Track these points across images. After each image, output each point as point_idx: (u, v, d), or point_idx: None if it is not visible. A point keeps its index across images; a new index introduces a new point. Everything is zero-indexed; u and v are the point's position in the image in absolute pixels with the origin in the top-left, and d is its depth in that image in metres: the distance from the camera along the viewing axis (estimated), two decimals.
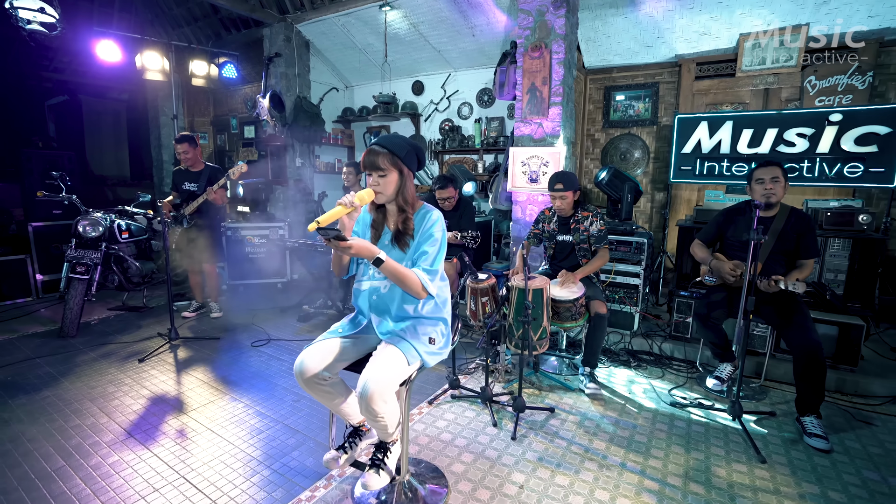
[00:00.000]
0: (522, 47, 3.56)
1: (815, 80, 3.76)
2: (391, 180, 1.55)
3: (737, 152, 3.64)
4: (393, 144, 1.56)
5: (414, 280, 1.55)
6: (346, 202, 1.44)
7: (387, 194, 1.56)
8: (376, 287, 1.67)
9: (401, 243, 1.61)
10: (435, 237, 1.61)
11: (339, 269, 1.69)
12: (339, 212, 1.44)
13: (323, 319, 4.00)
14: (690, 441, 2.25)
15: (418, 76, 5.66)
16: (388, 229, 1.67)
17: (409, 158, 1.58)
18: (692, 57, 4.18)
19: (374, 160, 1.53)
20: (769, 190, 2.39)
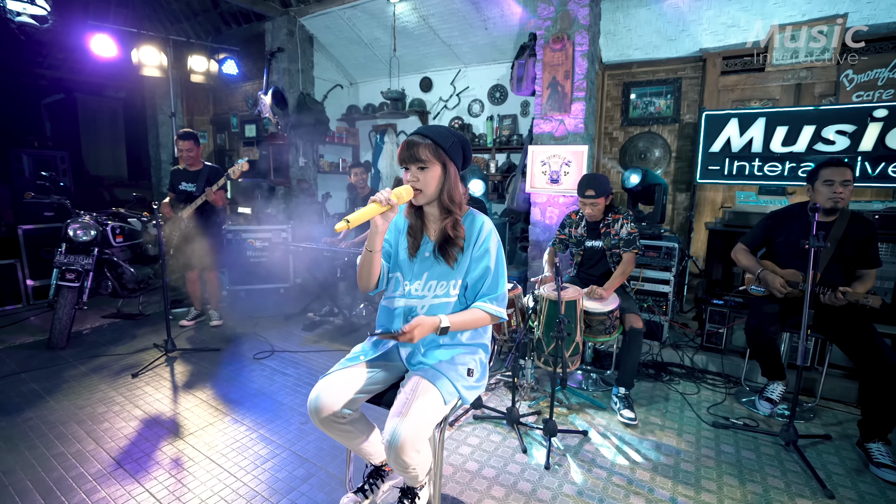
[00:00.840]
0: (543, 39, 3.34)
1: (852, 74, 3.54)
2: (433, 176, 1.31)
3: (770, 151, 3.41)
4: (436, 133, 1.33)
5: (481, 320, 1.37)
6: (381, 199, 1.21)
7: (428, 192, 1.32)
8: (412, 307, 1.42)
9: (447, 255, 1.36)
10: (491, 251, 1.38)
11: (366, 282, 1.41)
12: (373, 210, 1.21)
13: (329, 329, 3.77)
14: (743, 471, 2.02)
15: (426, 72, 5.43)
16: (429, 238, 1.42)
17: (455, 151, 1.34)
18: (718, 51, 3.95)
19: (413, 151, 1.29)
20: (838, 194, 2.16)
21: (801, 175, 3.36)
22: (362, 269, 1.39)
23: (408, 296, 1.42)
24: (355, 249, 3.67)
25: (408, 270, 1.42)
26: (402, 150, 1.32)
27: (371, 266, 1.37)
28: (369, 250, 1.33)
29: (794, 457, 2.13)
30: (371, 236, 1.30)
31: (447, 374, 1.34)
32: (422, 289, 1.40)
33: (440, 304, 1.40)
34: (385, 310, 1.50)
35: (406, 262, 1.42)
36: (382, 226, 1.27)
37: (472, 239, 1.38)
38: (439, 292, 1.39)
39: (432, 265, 1.39)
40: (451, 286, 1.39)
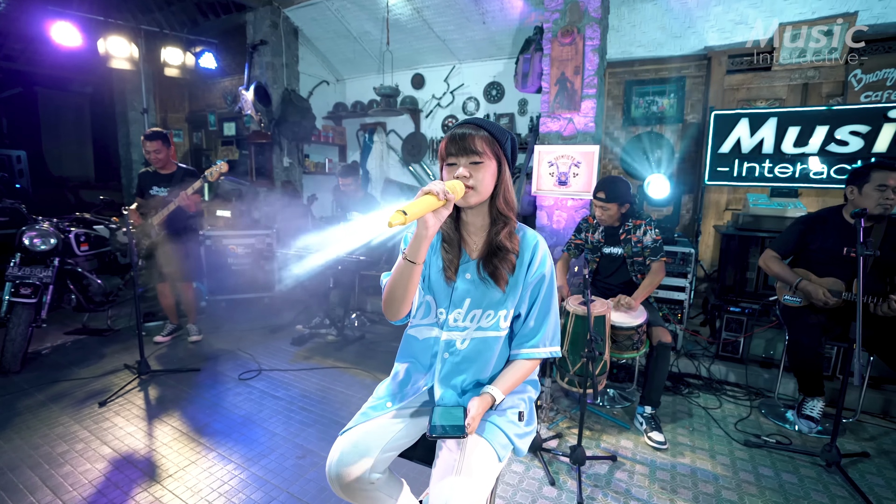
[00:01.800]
0: (550, 32, 3.15)
1: (860, 73, 3.47)
2: (489, 173, 1.07)
3: (781, 152, 3.30)
4: (490, 125, 1.10)
5: (531, 369, 1.17)
6: (437, 190, 0.95)
7: (482, 191, 1.07)
8: (451, 341, 1.16)
9: (497, 275, 1.10)
10: (546, 278, 1.15)
11: (399, 305, 1.11)
12: (429, 204, 0.94)
13: (321, 343, 3.49)
14: (789, 498, 1.86)
15: (419, 68, 5.19)
16: (468, 255, 1.16)
17: (508, 148, 1.12)
18: (724, 49, 3.84)
19: (467, 143, 1.05)
20: (890, 200, 2.02)
21: (813, 177, 3.26)
22: (395, 288, 1.08)
23: (445, 326, 1.16)
24: (348, 257, 3.41)
25: (443, 295, 1.16)
26: (451, 141, 1.07)
27: (409, 283, 1.06)
28: (410, 261, 1.02)
29: (837, 479, 1.98)
30: (416, 241, 1.00)
31: (497, 423, 1.11)
32: (462, 318, 1.15)
33: (486, 338, 1.15)
34: (412, 342, 1.24)
35: (441, 285, 1.16)
36: (434, 226, 0.98)
37: (526, 259, 1.13)
38: (485, 324, 1.14)
39: (477, 289, 1.13)
40: (502, 317, 1.14)
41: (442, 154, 1.10)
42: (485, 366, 1.16)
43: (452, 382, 1.17)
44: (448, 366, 1.17)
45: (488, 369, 1.17)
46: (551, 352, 1.15)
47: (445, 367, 1.17)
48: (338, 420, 2.36)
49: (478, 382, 1.17)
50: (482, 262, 1.13)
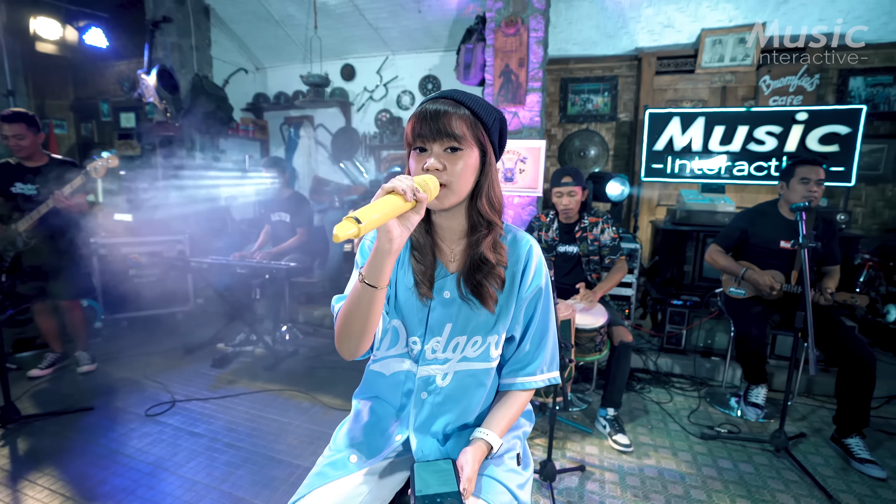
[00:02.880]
0: (494, 22, 3.02)
1: (769, 79, 3.76)
2: (469, 164, 0.82)
3: (708, 150, 3.48)
4: (474, 102, 0.84)
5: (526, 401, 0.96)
6: (402, 188, 0.70)
7: (458, 189, 0.82)
8: (429, 377, 0.92)
9: (483, 293, 0.87)
10: (543, 291, 0.93)
11: (357, 341, 0.84)
12: (393, 207, 0.70)
13: (247, 362, 3.06)
14: (751, 490, 1.87)
15: (349, 59, 4.85)
16: (445, 267, 0.92)
17: (495, 133, 0.88)
18: (653, 51, 3.99)
19: (442, 123, 0.79)
20: (813, 193, 2.12)
21: (736, 174, 3.47)
22: (351, 319, 0.81)
23: (421, 360, 0.92)
24: (276, 264, 3.02)
25: (416, 319, 0.92)
26: (421, 120, 0.81)
27: (370, 313, 0.80)
28: (370, 284, 0.77)
29: (786, 463, 2.05)
30: (376, 257, 0.75)
31: (496, 477, 0.89)
32: (443, 348, 0.91)
33: (473, 371, 0.92)
34: (377, 379, 0.98)
35: (413, 306, 0.91)
36: (400, 238, 0.74)
37: (519, 269, 0.91)
38: (471, 354, 0.91)
39: (459, 310, 0.90)
40: (492, 345, 0.91)
41: (408, 137, 0.84)
42: (472, 405, 0.95)
43: (433, 429, 0.94)
44: (426, 408, 0.94)
45: (476, 409, 0.95)
46: (550, 378, 0.96)
47: (423, 411, 0.94)
48: (273, 456, 2.02)
49: (464, 425, 0.96)
50: (463, 277, 0.89)
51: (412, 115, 0.84)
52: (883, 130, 3.72)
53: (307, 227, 3.37)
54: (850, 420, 2.09)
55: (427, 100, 0.85)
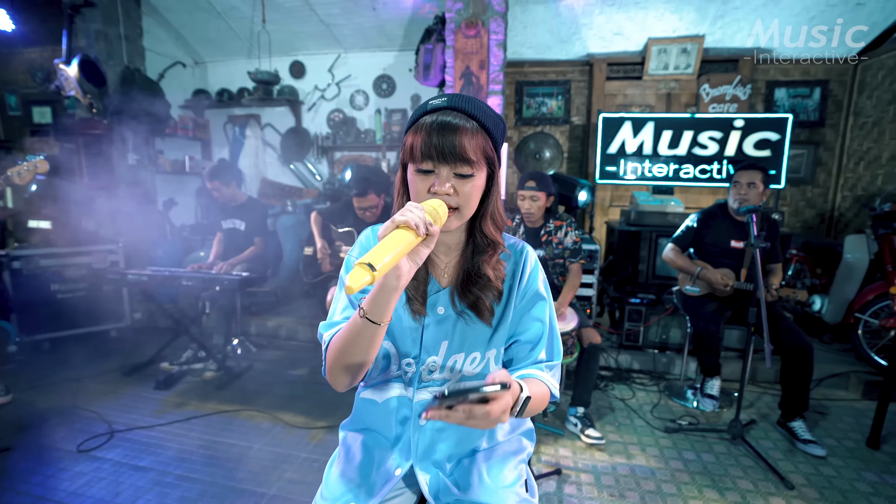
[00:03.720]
0: (453, 23, 2.98)
1: (708, 88, 4.02)
2: (479, 186, 0.77)
3: (658, 153, 3.66)
4: (484, 111, 0.78)
5: (547, 396, 0.84)
6: (415, 222, 0.65)
7: (466, 213, 0.78)
8: (426, 402, 0.86)
9: (481, 309, 0.82)
10: (542, 293, 0.88)
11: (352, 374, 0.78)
12: (406, 244, 0.64)
13: (197, 382, 2.81)
14: (715, 479, 1.96)
15: (298, 55, 4.63)
16: (436, 279, 0.86)
17: (501, 144, 0.82)
18: (603, 57, 4.14)
19: (458, 145, 0.72)
20: (742, 195, 2.28)
21: (683, 176, 3.68)
22: (351, 353, 0.74)
23: (416, 382, 0.86)
24: (228, 274, 2.80)
25: (409, 339, 0.85)
26: (429, 136, 0.72)
27: (371, 347, 0.74)
28: (371, 320, 0.70)
29: (742, 450, 2.18)
30: (381, 294, 0.69)
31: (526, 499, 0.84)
32: (440, 368, 0.86)
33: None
34: (369, 407, 0.91)
35: (405, 325, 0.85)
36: (409, 274, 0.68)
37: (517, 278, 0.86)
38: (470, 371, 0.86)
39: (454, 327, 0.84)
40: (492, 359, 0.87)
41: (413, 153, 0.75)
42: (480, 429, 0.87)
43: (435, 458, 0.88)
44: (427, 436, 0.87)
45: (483, 431, 0.90)
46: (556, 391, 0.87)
47: (424, 439, 0.87)
48: (234, 486, 1.85)
49: (471, 451, 0.90)
50: (457, 291, 0.83)
51: (415, 127, 0.76)
52: (803, 137, 4.09)
53: (265, 235, 3.16)
54: (793, 405, 2.25)
55: (429, 109, 0.76)
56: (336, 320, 0.83)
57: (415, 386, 0.86)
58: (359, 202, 2.72)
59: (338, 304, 0.85)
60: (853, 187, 3.94)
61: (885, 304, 2.84)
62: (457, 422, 0.64)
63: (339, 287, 0.88)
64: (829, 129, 4.05)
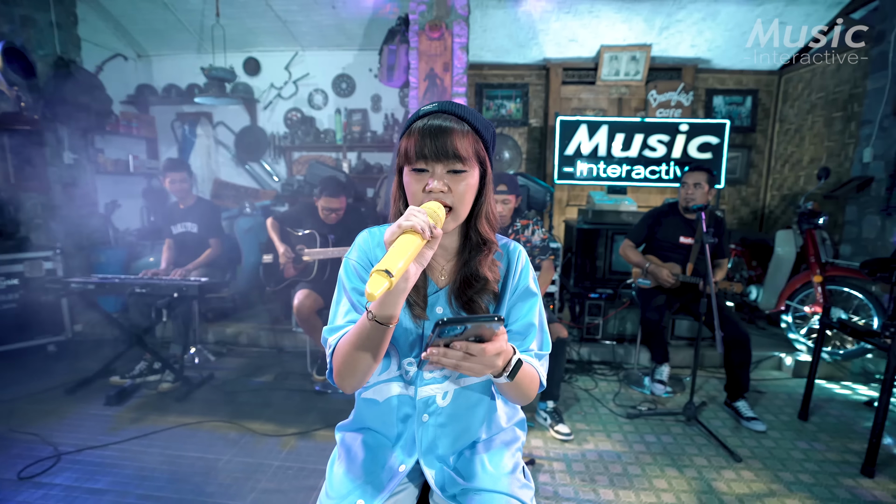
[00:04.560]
0: (417, 25, 3.00)
1: (655, 94, 4.29)
2: (471, 185, 0.80)
3: (611, 155, 3.86)
4: (474, 116, 0.81)
5: (534, 382, 0.87)
6: (419, 226, 0.68)
7: (461, 213, 0.81)
8: (429, 398, 0.89)
9: (476, 311, 0.85)
10: (532, 289, 0.92)
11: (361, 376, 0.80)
12: (415, 248, 0.67)
13: (151, 395, 2.65)
14: (674, 458, 2.11)
15: (252, 52, 4.47)
16: (434, 281, 0.89)
17: (492, 148, 0.85)
18: (559, 62, 4.31)
19: (449, 143, 0.76)
20: (689, 194, 2.47)
21: (635, 177, 3.90)
22: (360, 356, 0.76)
23: (418, 381, 0.88)
24: (186, 280, 2.67)
25: (409, 340, 0.88)
26: (423, 137, 0.76)
27: (380, 348, 0.76)
28: (380, 322, 0.72)
29: (695, 430, 2.35)
30: (391, 294, 0.70)
31: (511, 493, 0.87)
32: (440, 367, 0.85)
33: (473, 385, 0.91)
34: (370, 406, 0.92)
35: (405, 327, 0.87)
36: (416, 276, 0.72)
37: (509, 274, 0.90)
38: None
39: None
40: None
41: (408, 155, 0.78)
42: (476, 420, 0.92)
43: (439, 452, 0.90)
44: (430, 431, 0.90)
45: (481, 423, 0.93)
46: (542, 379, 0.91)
47: (427, 434, 0.90)
48: (206, 500, 1.77)
49: (472, 443, 0.93)
50: (454, 293, 0.86)
51: (408, 132, 0.79)
52: (738, 141, 4.46)
53: (221, 236, 3.03)
54: (736, 387, 2.47)
55: (423, 113, 0.80)
56: (339, 324, 0.84)
57: (417, 384, 0.88)
58: (328, 202, 2.67)
59: (339, 309, 0.86)
60: (780, 187, 4.35)
61: (809, 292, 3.16)
62: (454, 362, 0.69)
63: (339, 292, 0.88)
64: (760, 134, 4.45)
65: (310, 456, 2.09)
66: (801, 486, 1.93)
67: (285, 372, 2.97)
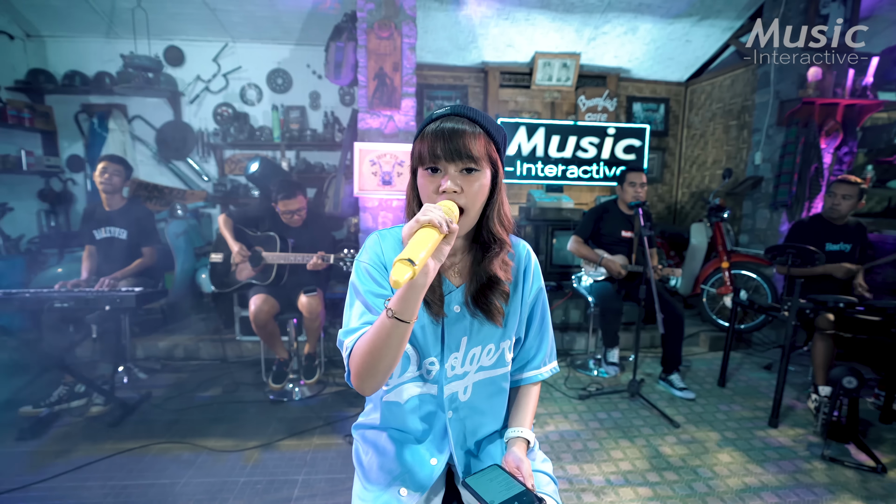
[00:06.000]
0: (365, 23, 2.97)
1: (584, 99, 4.63)
2: (484, 185, 0.82)
3: (548, 156, 4.11)
4: (486, 119, 0.84)
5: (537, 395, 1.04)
6: (437, 220, 0.70)
7: (473, 212, 0.82)
8: (452, 395, 0.93)
9: (491, 310, 0.89)
10: (542, 290, 0.99)
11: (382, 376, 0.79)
12: (434, 241, 0.69)
13: (78, 422, 2.36)
14: (625, 430, 2.34)
15: (175, 40, 4.09)
16: (449, 281, 0.91)
17: (503, 150, 0.89)
18: (497, 66, 4.48)
19: (462, 144, 0.78)
20: (639, 193, 2.73)
21: (569, 176, 4.19)
22: (382, 355, 0.76)
23: (440, 379, 0.91)
24: (118, 291, 2.41)
25: (430, 339, 0.90)
26: (436, 139, 0.79)
27: (401, 346, 0.76)
28: (402, 320, 0.73)
29: (639, 403, 2.62)
30: (410, 293, 0.72)
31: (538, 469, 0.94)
32: (461, 363, 0.92)
33: (492, 378, 0.95)
34: (393, 409, 0.93)
35: (424, 327, 0.89)
36: (434, 270, 0.73)
37: (520, 275, 0.94)
38: (487, 362, 0.94)
39: (471, 323, 0.90)
40: (506, 349, 0.95)
41: (422, 156, 0.81)
42: (496, 411, 0.98)
43: (465, 443, 0.95)
44: (456, 426, 0.93)
45: (501, 414, 0.99)
46: (552, 368, 1.04)
47: (455, 429, 0.93)
48: None
49: (493, 432, 0.99)
50: (471, 295, 0.89)
51: (421, 135, 0.82)
52: (654, 144, 4.96)
53: (155, 244, 2.76)
54: (670, 362, 2.78)
55: (437, 116, 0.83)
56: (355, 326, 0.84)
57: (442, 382, 0.90)
58: (286, 205, 2.56)
59: (353, 312, 0.86)
60: (689, 185, 4.92)
61: (719, 276, 3.63)
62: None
63: (351, 295, 0.88)
64: (671, 138, 4.99)
65: (277, 468, 2.00)
66: (727, 442, 2.24)
67: (234, 384, 2.79)
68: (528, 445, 0.94)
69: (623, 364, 3.14)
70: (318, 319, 2.61)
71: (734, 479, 1.96)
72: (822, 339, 2.42)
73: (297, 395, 2.63)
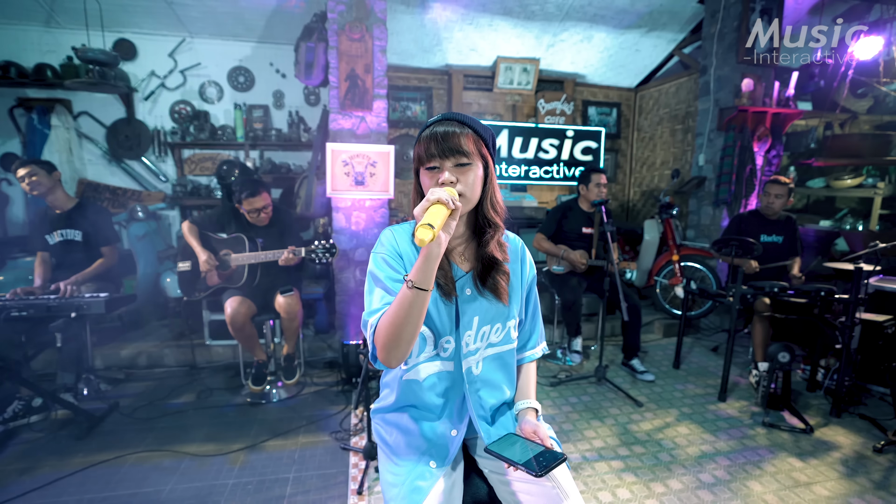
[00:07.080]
0: (336, 24, 2.98)
1: (543, 102, 4.85)
2: (477, 176, 0.95)
3: (512, 156, 4.29)
4: (474, 122, 0.98)
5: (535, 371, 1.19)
6: (445, 199, 0.82)
7: (471, 198, 0.95)
8: (468, 370, 1.03)
9: (498, 289, 1.01)
10: (535, 278, 1.14)
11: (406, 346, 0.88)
12: (444, 214, 0.82)
13: (40, 437, 2.23)
14: (595, 412, 2.53)
15: (125, 33, 3.88)
16: (459, 267, 1.03)
17: (492, 147, 1.02)
18: (460, 69, 4.60)
19: (453, 142, 0.92)
20: (603, 192, 2.93)
21: (531, 176, 4.39)
22: (405, 325, 0.85)
23: (455, 356, 1.02)
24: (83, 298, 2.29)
25: (445, 320, 1.01)
26: (432, 141, 0.92)
27: (421, 315, 0.86)
28: (421, 288, 0.83)
29: (606, 387, 2.83)
30: (426, 262, 0.83)
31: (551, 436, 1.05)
32: (474, 340, 1.02)
33: (500, 354, 1.06)
34: (413, 387, 1.03)
35: (439, 309, 1.00)
36: (445, 240, 0.84)
37: (517, 262, 1.09)
38: (495, 339, 1.05)
39: (481, 304, 1.02)
40: (512, 328, 1.06)
41: (421, 157, 0.95)
42: (506, 383, 1.08)
43: (482, 413, 1.04)
44: (473, 397, 1.03)
45: (510, 385, 1.10)
46: (544, 348, 1.18)
47: (473, 400, 1.03)
48: None
49: (504, 403, 1.09)
50: (479, 277, 1.02)
51: (421, 139, 0.95)
52: (608, 146, 5.27)
53: (115, 243, 2.64)
54: (631, 348, 3.01)
55: (432, 122, 0.96)
56: (377, 307, 0.94)
57: (460, 358, 1.01)
58: (251, 203, 2.53)
59: (373, 297, 0.96)
60: (640, 184, 5.28)
61: (670, 268, 3.95)
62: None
63: (370, 283, 0.98)
64: (623, 140, 5.33)
65: (266, 467, 2.01)
66: (684, 417, 2.48)
67: (208, 389, 2.72)
68: (537, 414, 1.06)
69: (587, 352, 3.36)
70: (297, 319, 2.61)
71: (692, 447, 2.19)
72: (760, 321, 2.72)
73: (276, 397, 2.61)
